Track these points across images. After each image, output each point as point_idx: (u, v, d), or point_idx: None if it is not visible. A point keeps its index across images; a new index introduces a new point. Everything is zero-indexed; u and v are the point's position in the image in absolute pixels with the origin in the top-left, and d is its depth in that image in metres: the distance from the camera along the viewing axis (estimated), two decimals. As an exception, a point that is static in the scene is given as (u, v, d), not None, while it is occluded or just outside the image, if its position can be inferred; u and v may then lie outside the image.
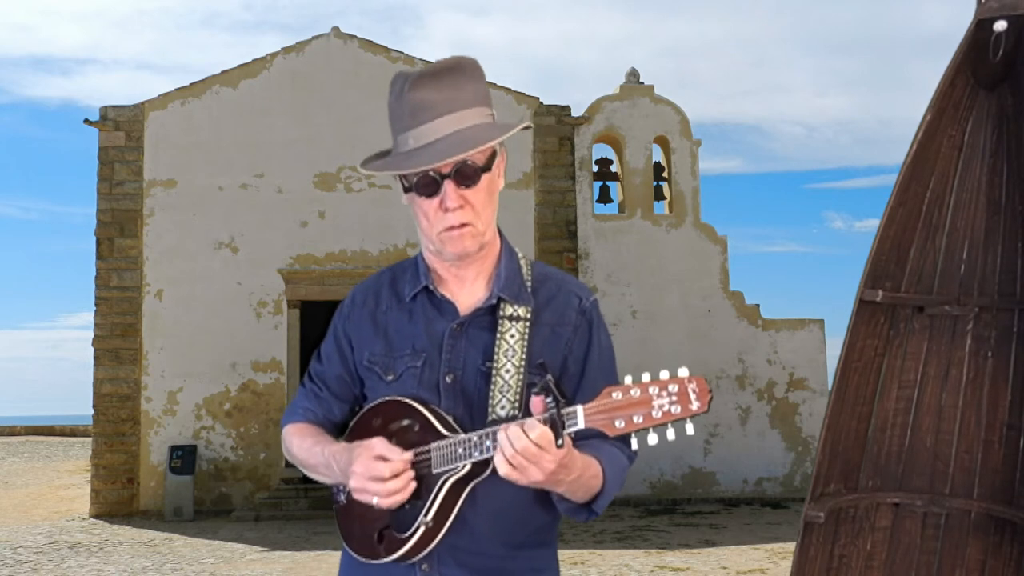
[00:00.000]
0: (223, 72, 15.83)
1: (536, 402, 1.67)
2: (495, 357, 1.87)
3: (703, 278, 16.21)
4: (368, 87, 15.65)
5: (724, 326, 16.10)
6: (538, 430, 1.64)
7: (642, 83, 16.63)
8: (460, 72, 1.85)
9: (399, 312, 1.98)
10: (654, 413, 1.62)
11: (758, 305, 16.35)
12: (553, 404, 1.65)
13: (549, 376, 1.68)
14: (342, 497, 1.97)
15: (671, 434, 1.63)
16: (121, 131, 15.47)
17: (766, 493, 15.78)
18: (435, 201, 1.84)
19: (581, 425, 1.66)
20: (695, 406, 1.61)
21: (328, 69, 15.82)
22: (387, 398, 1.93)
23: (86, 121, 15.52)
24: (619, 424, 1.63)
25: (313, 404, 2.07)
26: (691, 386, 1.62)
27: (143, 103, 15.59)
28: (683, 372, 1.64)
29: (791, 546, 9.74)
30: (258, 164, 15.58)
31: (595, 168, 16.40)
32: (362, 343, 2.00)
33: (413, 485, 1.80)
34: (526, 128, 1.94)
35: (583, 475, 1.76)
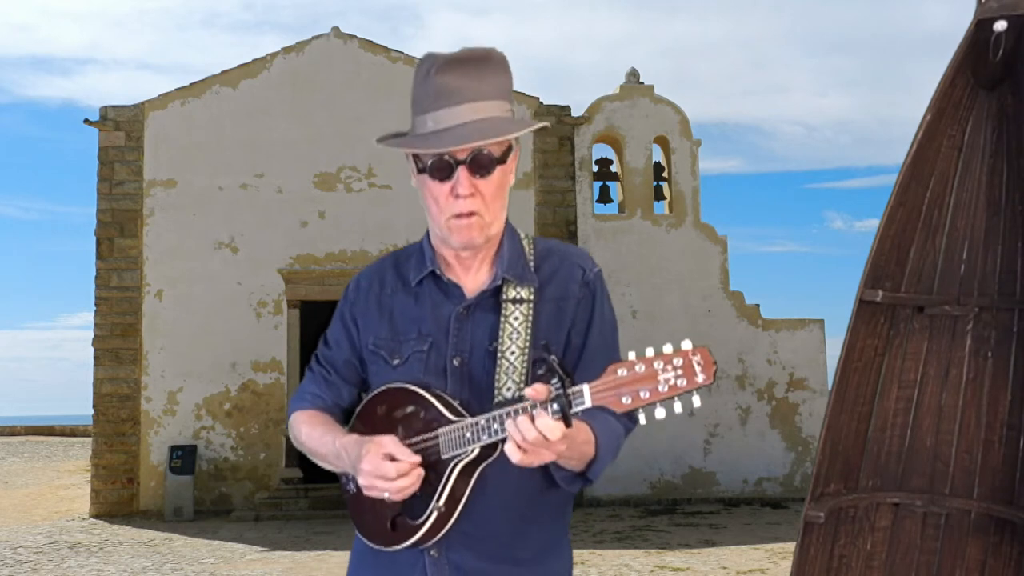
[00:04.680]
0: (223, 72, 15.82)
1: (539, 390, 1.66)
2: (500, 339, 1.88)
3: (703, 278, 16.21)
4: (368, 87, 15.65)
5: (724, 326, 16.10)
6: (553, 428, 1.63)
7: (642, 83, 16.63)
8: (488, 63, 1.85)
9: (405, 295, 1.99)
10: (660, 387, 1.62)
11: (758, 305, 16.36)
12: (559, 385, 1.65)
13: (553, 357, 1.67)
14: (352, 487, 1.97)
15: (678, 407, 1.63)
16: (121, 131, 15.47)
17: (766, 493, 15.78)
18: (447, 186, 1.84)
19: (588, 404, 1.65)
20: (700, 378, 1.61)
21: (328, 69, 15.82)
22: (392, 385, 1.93)
23: (86, 121, 15.51)
24: (626, 400, 1.63)
25: (322, 389, 2.07)
26: (695, 358, 1.62)
27: (143, 103, 15.59)
28: (686, 345, 1.64)
29: (791, 546, 9.74)
30: (258, 164, 15.57)
31: (595, 168, 16.39)
32: (368, 327, 2.01)
33: (421, 478, 1.81)
34: (543, 127, 1.95)
35: (575, 439, 1.75)
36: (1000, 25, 3.03)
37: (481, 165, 1.83)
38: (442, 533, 1.83)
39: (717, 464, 15.75)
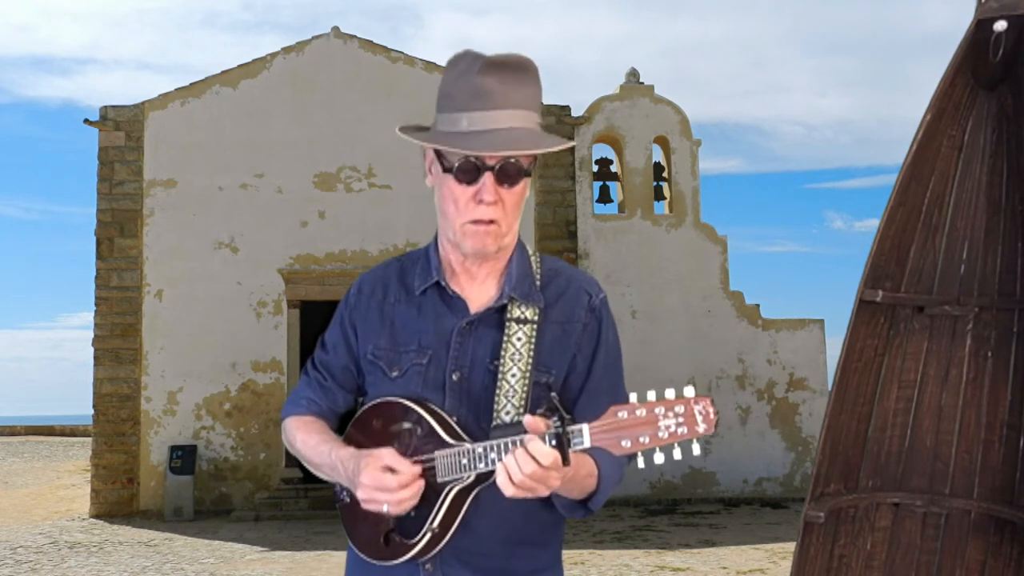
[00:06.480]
0: (223, 72, 15.82)
1: (538, 422, 1.65)
2: (501, 359, 1.85)
3: (703, 278, 16.21)
4: (368, 87, 15.65)
5: (724, 326, 16.10)
6: (547, 454, 1.63)
7: (642, 83, 16.63)
8: (525, 72, 1.82)
9: (407, 305, 1.95)
10: (660, 434, 1.61)
11: (758, 305, 16.36)
12: (559, 423, 1.63)
13: (554, 395, 1.67)
14: (345, 496, 1.96)
15: (677, 453, 1.62)
16: (121, 131, 15.47)
17: (766, 493, 15.78)
18: (471, 190, 1.80)
19: (587, 444, 1.64)
20: (701, 428, 1.60)
21: (328, 69, 15.82)
22: (388, 399, 1.91)
23: (86, 121, 15.52)
24: (625, 444, 1.62)
25: (317, 394, 2.04)
26: (697, 407, 1.61)
27: (143, 103, 15.59)
28: (689, 392, 1.62)
29: (791, 546, 9.73)
30: (258, 164, 15.57)
31: (595, 168, 16.40)
32: (367, 334, 1.97)
33: (421, 490, 1.80)
34: (571, 148, 1.93)
35: (577, 473, 1.74)
36: (1000, 25, 3.03)
37: (509, 174, 1.79)
38: (434, 552, 1.83)
39: (717, 464, 15.75)
